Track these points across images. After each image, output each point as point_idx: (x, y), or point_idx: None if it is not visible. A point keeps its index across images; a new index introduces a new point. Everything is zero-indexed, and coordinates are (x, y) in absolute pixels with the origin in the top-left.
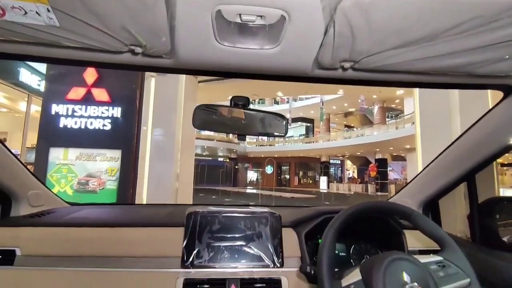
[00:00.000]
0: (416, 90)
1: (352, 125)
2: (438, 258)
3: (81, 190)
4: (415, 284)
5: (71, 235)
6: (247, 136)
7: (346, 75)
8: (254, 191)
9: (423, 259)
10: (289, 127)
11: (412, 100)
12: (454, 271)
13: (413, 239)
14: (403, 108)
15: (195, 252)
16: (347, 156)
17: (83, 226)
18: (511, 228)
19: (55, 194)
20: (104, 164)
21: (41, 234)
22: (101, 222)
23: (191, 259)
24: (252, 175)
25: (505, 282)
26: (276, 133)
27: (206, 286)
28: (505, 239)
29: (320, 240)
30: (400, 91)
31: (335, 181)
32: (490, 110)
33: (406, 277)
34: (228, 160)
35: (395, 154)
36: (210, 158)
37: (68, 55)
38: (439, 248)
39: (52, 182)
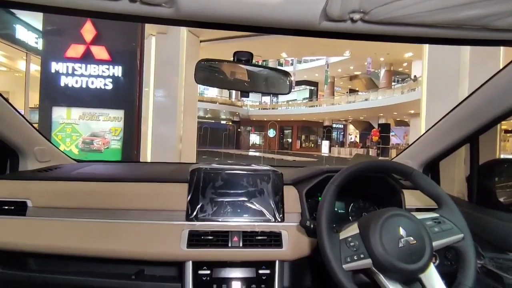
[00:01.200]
0: (426, 51)
1: (357, 89)
2: (434, 215)
3: (86, 149)
4: (410, 238)
5: (79, 189)
6: (250, 99)
7: (356, 28)
8: (257, 154)
9: (420, 215)
10: (292, 90)
11: (421, 64)
12: (449, 227)
13: (411, 199)
14: (411, 72)
15: (199, 206)
16: (350, 121)
17: (91, 181)
18: (508, 190)
19: (61, 151)
20: (108, 124)
21: (50, 188)
22: (108, 177)
23: (195, 213)
24: (254, 138)
25: (497, 239)
26: (279, 91)
27: (210, 237)
28: (501, 199)
29: (320, 198)
30: (408, 53)
31: (337, 145)
32: (501, 70)
33: (402, 231)
34: (231, 123)
35: (398, 119)
36: (213, 121)
37: (59, 2)
38: (436, 207)
39: (58, 141)
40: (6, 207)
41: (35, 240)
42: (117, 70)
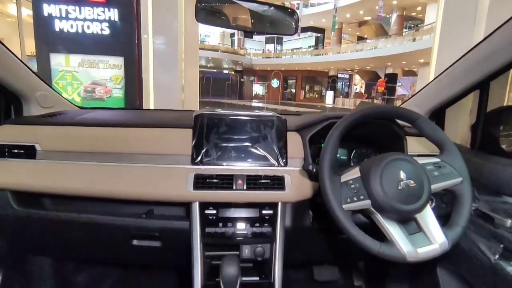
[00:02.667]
0: None
1: (365, 36)
2: (435, 159)
3: (88, 98)
4: (410, 181)
5: (85, 134)
6: (253, 47)
7: None
8: (260, 104)
9: (421, 160)
10: (297, 37)
11: (436, 8)
12: (449, 171)
13: (414, 146)
14: (424, 17)
15: (203, 151)
16: (356, 70)
17: (97, 126)
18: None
19: (64, 98)
20: (108, 72)
21: (58, 132)
22: (113, 122)
23: (200, 157)
24: (257, 88)
25: (494, 182)
26: (284, 32)
27: (215, 180)
28: (503, 146)
29: (322, 145)
30: None
31: (341, 96)
32: None
33: (402, 174)
34: (233, 72)
35: (407, 69)
36: (215, 70)
37: None
38: (438, 154)
39: (59, 89)
40: (16, 151)
41: (46, 181)
42: (113, 14)
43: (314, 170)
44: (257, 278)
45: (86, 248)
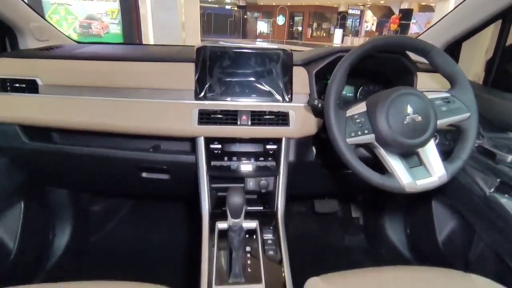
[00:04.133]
0: None
1: None
2: (445, 94)
3: (85, 34)
4: (417, 115)
5: (86, 68)
6: None
7: None
8: (264, 44)
9: (431, 95)
10: None
11: None
12: (457, 106)
13: (424, 81)
14: None
15: (207, 86)
16: (369, 5)
17: (98, 59)
18: None
19: (60, 30)
20: (102, 5)
21: (57, 66)
22: (113, 56)
23: (203, 92)
24: (262, 26)
25: (502, 119)
26: None
27: (219, 116)
28: None
29: (329, 81)
30: None
31: (350, 35)
32: None
33: (409, 109)
34: (236, 8)
35: (424, 3)
36: (217, 6)
37: None
38: (449, 89)
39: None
40: (18, 85)
41: (51, 115)
42: None
43: (320, 105)
44: (261, 208)
45: (98, 181)
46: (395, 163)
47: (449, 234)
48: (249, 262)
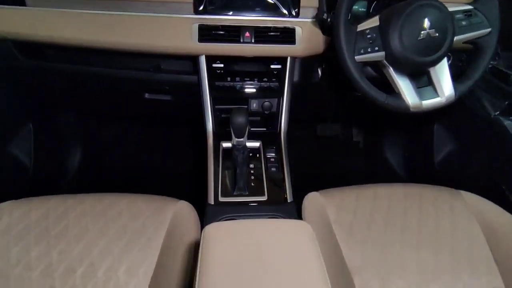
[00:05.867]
0: None
1: None
2: (468, 7)
3: None
4: (433, 30)
5: None
6: None
7: None
8: None
9: (452, 7)
10: None
11: None
12: (479, 21)
13: None
14: None
15: None
16: None
17: None
18: None
19: None
20: None
21: None
22: None
23: (203, 5)
24: None
25: None
26: None
27: (221, 32)
28: None
29: None
30: None
31: None
32: None
33: (426, 23)
34: None
35: None
36: None
37: None
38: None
39: None
40: None
41: (42, 30)
42: None
43: (329, 20)
44: (264, 129)
45: (103, 102)
46: (403, 83)
47: (446, 157)
48: (252, 178)
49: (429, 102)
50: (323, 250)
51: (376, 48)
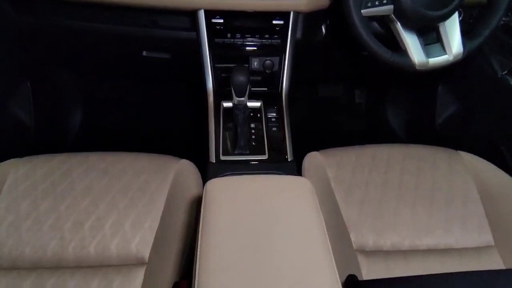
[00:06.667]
0: None
1: None
2: None
3: None
4: None
5: None
6: None
7: None
8: None
9: None
10: None
11: None
12: None
13: None
14: None
15: None
16: None
17: None
18: None
19: None
20: None
21: None
22: None
23: None
24: None
25: None
26: None
27: None
28: None
29: None
30: None
31: None
32: None
33: None
34: None
35: None
36: None
37: None
38: None
39: None
40: None
41: None
42: None
43: None
44: (265, 89)
45: (100, 60)
46: (410, 40)
47: (447, 119)
48: (253, 137)
49: (436, 60)
50: (321, 206)
51: (384, 1)
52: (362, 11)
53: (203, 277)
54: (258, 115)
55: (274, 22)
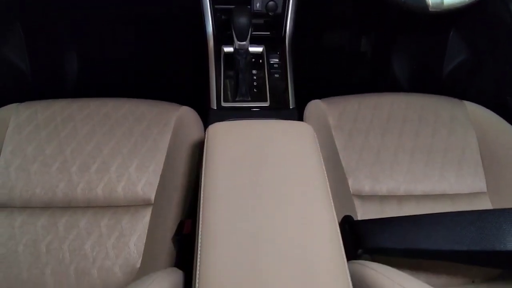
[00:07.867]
0: None
1: None
2: None
3: None
4: None
5: None
6: None
7: None
8: None
9: None
10: None
11: None
12: None
13: None
14: None
15: None
16: None
17: None
18: None
19: None
20: None
21: None
22: None
23: None
24: None
25: None
26: None
27: None
28: None
29: None
30: None
31: None
32: None
33: None
34: None
35: None
36: None
37: None
38: None
39: None
40: None
41: None
42: None
43: None
44: (268, 33)
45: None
46: None
47: (455, 68)
48: (255, 84)
49: (451, 1)
50: (321, 153)
51: None
52: None
53: (207, 213)
54: (260, 60)
55: None
